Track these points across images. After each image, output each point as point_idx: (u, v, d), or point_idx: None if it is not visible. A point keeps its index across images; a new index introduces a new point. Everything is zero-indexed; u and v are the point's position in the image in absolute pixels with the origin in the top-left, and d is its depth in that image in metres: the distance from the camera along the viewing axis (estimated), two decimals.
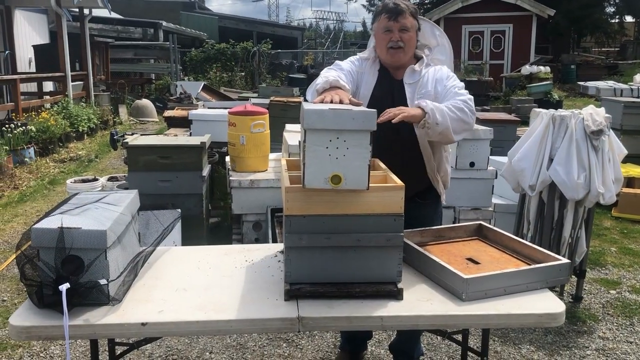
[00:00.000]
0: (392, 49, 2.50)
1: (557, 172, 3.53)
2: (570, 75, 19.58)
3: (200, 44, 21.46)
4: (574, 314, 3.75)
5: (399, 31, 2.47)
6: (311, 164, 1.83)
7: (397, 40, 2.48)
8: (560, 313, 1.91)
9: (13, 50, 12.58)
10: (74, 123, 10.50)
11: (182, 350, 3.31)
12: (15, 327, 1.80)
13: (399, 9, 2.46)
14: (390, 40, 2.49)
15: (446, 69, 2.60)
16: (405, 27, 2.48)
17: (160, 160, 4.28)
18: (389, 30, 2.49)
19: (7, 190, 7.01)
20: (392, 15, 2.46)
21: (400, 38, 2.48)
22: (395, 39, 2.48)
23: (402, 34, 2.48)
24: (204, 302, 1.95)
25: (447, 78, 2.53)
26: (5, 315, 3.69)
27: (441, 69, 2.58)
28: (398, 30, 2.47)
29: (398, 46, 2.49)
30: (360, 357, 3.15)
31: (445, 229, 2.49)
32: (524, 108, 12.24)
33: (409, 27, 2.49)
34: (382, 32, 2.51)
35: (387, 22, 2.48)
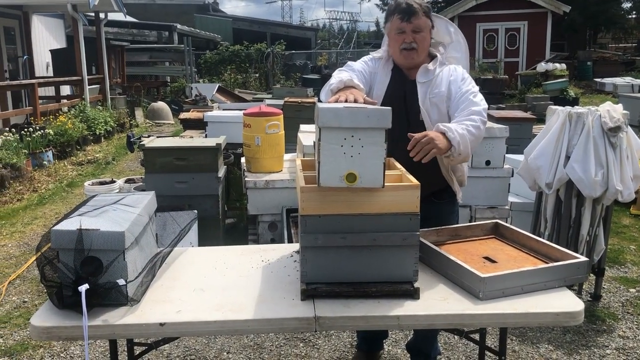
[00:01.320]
0: (406, 50, 2.46)
1: (574, 169, 3.50)
2: (587, 72, 19.37)
3: (214, 46, 21.59)
4: (593, 313, 3.72)
5: (412, 32, 2.44)
6: (326, 162, 1.84)
7: (410, 42, 2.44)
8: (579, 312, 1.89)
9: (31, 55, 12.76)
10: (91, 126, 10.62)
11: (200, 350, 3.34)
12: (36, 328, 1.83)
13: (411, 10, 2.42)
14: (403, 42, 2.46)
15: (461, 69, 2.55)
16: (419, 28, 2.44)
17: (176, 162, 4.31)
18: (402, 32, 2.45)
19: (26, 193, 7.10)
20: (405, 16, 2.42)
21: (413, 39, 2.44)
22: (408, 40, 2.44)
23: (415, 35, 2.44)
24: (221, 302, 1.96)
25: (462, 80, 2.48)
26: (26, 316, 3.75)
27: (456, 69, 2.54)
28: (411, 32, 2.44)
29: (411, 47, 2.45)
30: (377, 357, 3.14)
31: (462, 228, 2.48)
32: (539, 106, 12.13)
33: (422, 28, 2.45)
34: (395, 33, 2.48)
35: (400, 23, 2.44)
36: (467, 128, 2.25)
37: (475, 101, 2.39)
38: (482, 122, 2.33)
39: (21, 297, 4.11)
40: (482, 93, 2.54)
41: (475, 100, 2.39)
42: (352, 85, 2.31)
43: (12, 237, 5.48)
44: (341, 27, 50.94)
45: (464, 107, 2.38)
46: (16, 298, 4.09)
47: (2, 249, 5.16)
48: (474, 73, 15.45)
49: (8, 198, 6.82)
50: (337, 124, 1.82)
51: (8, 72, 12.03)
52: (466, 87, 2.45)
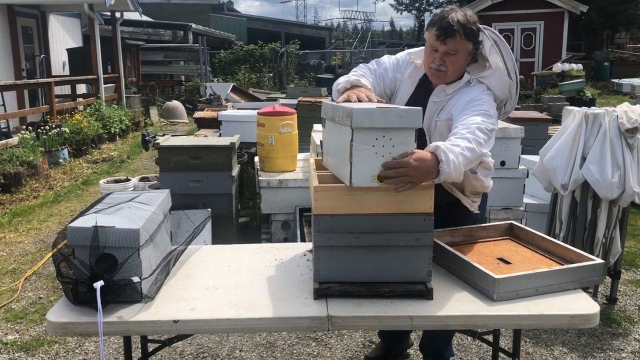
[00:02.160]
0: (434, 70, 2.31)
1: (590, 171, 3.47)
2: (604, 72, 19.19)
3: (229, 46, 21.69)
4: (609, 316, 3.68)
5: (444, 54, 2.25)
6: (358, 162, 1.84)
7: (439, 65, 2.28)
8: (594, 314, 1.88)
9: (48, 53, 12.90)
10: (106, 125, 10.72)
11: (213, 348, 3.35)
12: (52, 323, 1.85)
13: (449, 31, 2.21)
14: (432, 62, 2.30)
15: (481, 90, 2.30)
16: (453, 50, 2.25)
17: (190, 160, 4.34)
18: (435, 50, 2.28)
19: (42, 191, 7.18)
20: (441, 35, 2.23)
21: (442, 62, 2.27)
22: (437, 62, 2.28)
23: (446, 57, 2.26)
24: (234, 300, 1.97)
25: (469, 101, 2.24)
26: (42, 312, 3.79)
27: (476, 88, 2.31)
28: (443, 53, 2.25)
29: (439, 69, 2.29)
30: (400, 348, 3.11)
31: (476, 229, 2.46)
32: (555, 106, 12.04)
33: (457, 50, 2.25)
34: (429, 48, 2.31)
35: (435, 40, 2.25)
36: (462, 151, 1.96)
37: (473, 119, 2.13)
38: (475, 140, 2.04)
39: (37, 293, 4.16)
40: None
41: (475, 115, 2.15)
42: (359, 85, 2.28)
43: (28, 234, 5.55)
44: (355, 27, 50.93)
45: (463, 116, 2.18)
46: (32, 294, 4.14)
47: (19, 245, 5.23)
48: None
49: (24, 195, 6.90)
50: (370, 124, 1.82)
51: (25, 71, 12.17)
52: (477, 103, 2.22)
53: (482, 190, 2.45)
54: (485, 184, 2.43)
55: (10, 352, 3.34)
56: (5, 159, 7.12)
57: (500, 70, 2.32)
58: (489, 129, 2.14)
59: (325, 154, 2.26)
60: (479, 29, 2.30)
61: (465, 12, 2.31)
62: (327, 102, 2.23)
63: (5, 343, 3.43)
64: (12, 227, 5.77)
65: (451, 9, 2.29)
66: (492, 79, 2.32)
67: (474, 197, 2.45)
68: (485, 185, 2.44)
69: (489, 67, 2.33)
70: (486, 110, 2.21)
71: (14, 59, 11.63)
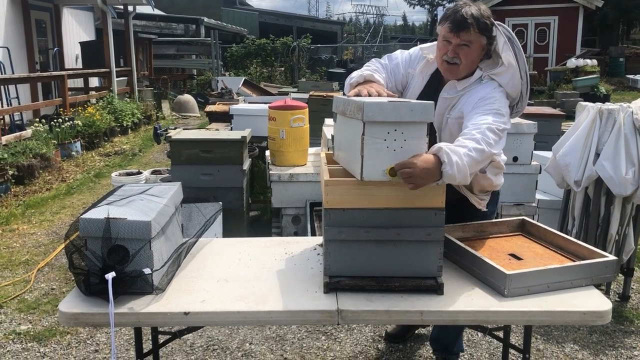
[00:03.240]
0: (447, 63, 2.29)
1: (603, 167, 3.43)
2: (619, 68, 18.96)
3: (240, 40, 21.69)
4: (621, 313, 3.65)
5: (458, 46, 2.24)
6: (370, 156, 1.84)
7: (453, 57, 2.26)
8: (606, 311, 1.86)
9: (61, 47, 12.97)
10: (118, 118, 10.77)
11: (223, 340, 3.37)
12: (65, 314, 1.86)
13: (463, 24, 2.20)
14: (445, 54, 2.28)
15: (492, 87, 2.27)
16: (466, 43, 2.23)
17: (202, 154, 4.35)
18: (448, 42, 2.26)
19: (55, 183, 7.24)
20: (454, 27, 2.22)
21: (456, 55, 2.25)
22: (450, 55, 2.26)
23: (460, 49, 2.24)
24: (244, 293, 1.97)
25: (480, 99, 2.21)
26: (54, 303, 3.82)
27: (487, 85, 2.28)
28: (456, 45, 2.24)
29: (453, 62, 2.27)
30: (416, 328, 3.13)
31: (488, 224, 2.45)
32: (569, 102, 11.94)
33: (470, 42, 2.24)
34: (442, 40, 2.29)
35: (448, 32, 2.24)
36: (467, 152, 1.94)
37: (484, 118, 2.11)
38: (484, 140, 2.01)
39: (49, 284, 4.20)
40: None
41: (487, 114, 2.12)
42: (372, 80, 2.28)
43: (41, 226, 5.60)
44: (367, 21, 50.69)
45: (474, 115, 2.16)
46: (45, 285, 4.18)
47: (32, 237, 5.28)
48: None
49: (37, 187, 6.96)
50: (382, 118, 1.82)
51: (39, 64, 12.26)
52: (489, 102, 2.19)
53: (490, 189, 2.42)
54: (495, 183, 2.40)
55: (24, 342, 3.37)
56: (19, 151, 7.18)
57: (513, 67, 2.27)
58: (500, 128, 2.10)
59: (337, 148, 2.26)
60: (492, 24, 2.28)
61: (479, 6, 2.29)
62: (338, 97, 2.22)
63: (19, 333, 3.47)
64: (25, 218, 5.83)
65: (465, 3, 2.27)
66: (504, 76, 2.28)
67: (483, 196, 2.42)
68: (495, 184, 2.40)
69: (502, 64, 2.28)
70: (497, 109, 2.17)
71: (28, 52, 11.71)
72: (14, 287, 4.14)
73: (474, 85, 2.30)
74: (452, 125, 2.30)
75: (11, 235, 5.31)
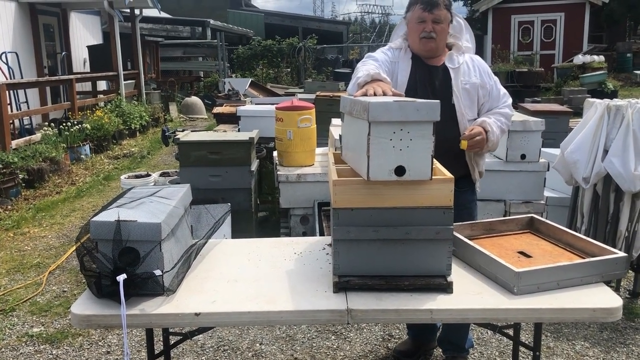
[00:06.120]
0: (425, 39, 2.56)
1: (612, 163, 3.42)
2: (626, 64, 18.83)
3: (247, 41, 21.73)
4: (632, 310, 3.63)
5: (432, 22, 2.53)
6: (376, 156, 1.84)
7: (430, 31, 2.54)
8: (617, 308, 1.86)
9: (69, 51, 13.06)
10: (126, 121, 10.83)
11: (233, 341, 3.38)
12: (77, 316, 1.88)
13: (434, 1, 2.52)
14: (423, 31, 2.55)
15: (479, 59, 2.74)
16: (439, 19, 2.54)
17: (210, 155, 4.37)
18: (423, 21, 2.55)
19: (65, 186, 7.29)
20: (427, 6, 2.52)
21: (432, 29, 2.54)
22: (428, 29, 2.54)
23: (434, 25, 2.54)
24: (254, 293, 1.98)
25: (489, 75, 2.69)
26: (65, 305, 3.86)
27: (478, 59, 2.72)
28: (431, 22, 2.53)
29: (430, 37, 2.55)
30: (426, 347, 3.10)
31: (496, 222, 2.45)
32: (576, 99, 11.87)
33: (442, 19, 2.54)
34: (416, 22, 2.57)
35: (422, 12, 2.53)
36: (501, 126, 2.60)
37: (504, 99, 2.69)
38: (510, 117, 2.69)
39: (61, 286, 4.23)
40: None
41: (504, 97, 2.69)
42: (379, 79, 2.32)
43: (51, 229, 5.64)
44: (373, 21, 50.64)
45: (499, 105, 2.67)
46: (56, 287, 4.21)
47: (42, 240, 5.32)
48: (508, 66, 15.21)
49: (47, 191, 7.01)
50: (387, 117, 1.82)
51: (47, 68, 12.34)
52: (496, 84, 2.69)
53: (483, 167, 2.78)
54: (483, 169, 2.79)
55: (36, 344, 3.40)
56: (29, 155, 7.24)
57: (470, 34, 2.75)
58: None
59: (344, 147, 2.26)
60: (451, 3, 2.65)
61: None
62: (345, 97, 2.24)
63: (31, 335, 3.50)
64: (35, 222, 5.87)
65: None
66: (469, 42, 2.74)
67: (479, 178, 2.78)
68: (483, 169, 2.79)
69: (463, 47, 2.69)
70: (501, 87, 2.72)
71: (36, 56, 11.79)
72: (26, 290, 4.17)
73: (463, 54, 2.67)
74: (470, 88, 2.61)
75: (22, 239, 5.35)
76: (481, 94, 2.63)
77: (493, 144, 2.57)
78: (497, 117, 2.61)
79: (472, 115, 2.62)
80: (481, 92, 2.63)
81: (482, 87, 2.62)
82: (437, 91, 2.56)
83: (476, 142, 2.49)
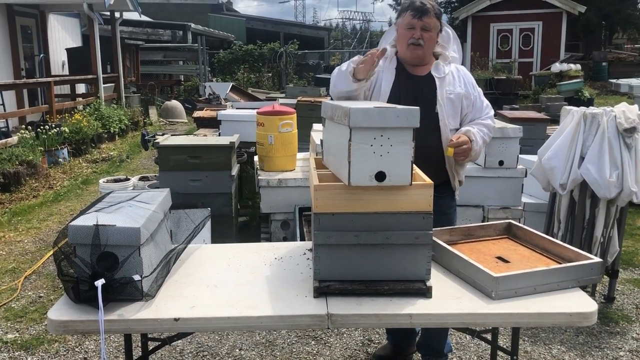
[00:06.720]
0: (413, 45, 2.58)
1: (588, 170, 3.48)
2: (602, 72, 19.21)
3: (228, 46, 21.69)
4: (607, 315, 3.69)
5: (421, 30, 2.56)
6: (357, 161, 1.86)
7: (418, 38, 2.56)
8: (592, 312, 1.89)
9: (47, 53, 12.89)
10: (105, 124, 10.72)
11: (213, 346, 3.36)
12: (54, 322, 1.85)
13: (424, 9, 2.55)
14: (411, 37, 2.57)
15: (465, 69, 2.77)
16: (428, 27, 2.57)
17: (190, 160, 4.34)
18: (412, 28, 2.57)
19: (42, 190, 7.19)
20: (417, 13, 2.55)
21: (421, 36, 2.56)
22: (416, 36, 2.56)
23: (423, 32, 2.57)
24: (234, 299, 1.98)
25: (474, 86, 2.72)
26: (41, 311, 3.80)
27: (463, 69, 2.75)
28: (420, 29, 2.56)
29: (418, 44, 2.57)
30: (405, 353, 3.11)
31: (475, 228, 2.48)
32: (553, 106, 12.05)
33: (431, 27, 2.57)
34: (405, 28, 2.60)
35: (411, 19, 2.57)
36: (484, 137, 2.65)
37: (487, 110, 2.74)
38: (492, 127, 2.74)
39: (37, 292, 4.16)
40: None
41: (487, 108, 2.74)
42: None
43: (27, 233, 5.55)
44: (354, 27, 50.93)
45: (482, 116, 2.72)
46: (32, 293, 4.15)
47: (18, 244, 5.23)
48: (487, 73, 15.39)
49: (24, 195, 6.91)
50: (368, 124, 1.84)
51: (25, 71, 12.16)
52: (481, 96, 2.74)
53: (463, 176, 2.82)
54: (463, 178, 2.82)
55: (11, 351, 3.34)
56: (5, 158, 7.12)
57: (458, 44, 2.77)
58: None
59: (326, 152, 2.27)
60: (441, 12, 2.69)
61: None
62: (326, 102, 2.25)
63: (6, 342, 3.44)
64: (11, 226, 5.78)
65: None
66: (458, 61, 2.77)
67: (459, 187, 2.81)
68: (463, 178, 2.82)
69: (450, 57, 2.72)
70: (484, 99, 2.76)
71: (13, 58, 11.62)
72: (1, 296, 4.10)
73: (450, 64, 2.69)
74: (455, 98, 2.64)
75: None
76: (465, 104, 2.67)
77: (476, 154, 2.62)
78: (480, 128, 2.65)
79: (454, 124, 2.66)
80: (465, 102, 2.66)
81: (466, 97, 2.66)
82: (420, 100, 2.54)
83: (462, 151, 2.53)
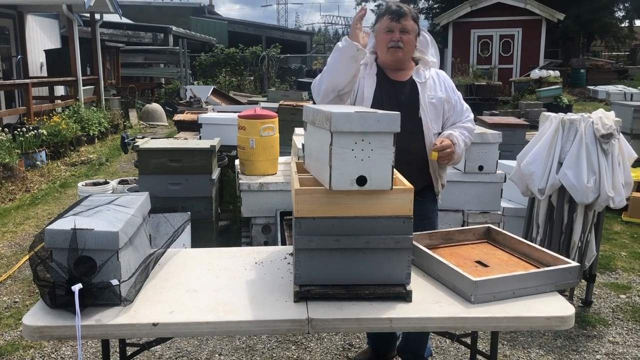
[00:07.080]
0: (393, 47, 2.61)
1: (566, 175, 3.53)
2: (580, 79, 19.49)
3: (209, 49, 21.59)
4: (584, 318, 3.74)
5: (400, 32, 2.60)
6: (338, 166, 1.86)
7: (397, 40, 2.60)
8: (569, 316, 1.91)
9: (25, 54, 12.71)
10: (85, 127, 10.59)
11: (192, 352, 3.33)
12: (28, 327, 1.82)
13: (401, 12, 2.60)
14: (391, 40, 2.61)
15: (445, 74, 2.81)
16: (406, 29, 2.61)
17: (170, 163, 4.31)
18: (391, 31, 2.61)
19: (18, 193, 7.07)
20: (395, 16, 2.59)
21: (400, 38, 2.60)
22: (395, 38, 2.60)
23: (402, 35, 2.60)
24: (214, 303, 1.96)
25: (454, 90, 2.76)
26: (17, 316, 3.73)
27: (443, 73, 2.80)
28: (399, 31, 2.60)
29: (398, 46, 2.60)
30: (387, 355, 3.11)
31: (454, 232, 2.49)
32: (533, 112, 12.19)
33: (409, 30, 2.61)
34: (384, 32, 2.63)
35: (390, 22, 2.61)
36: (465, 140, 2.68)
37: (467, 113, 2.78)
38: (472, 130, 2.79)
39: (12, 297, 4.09)
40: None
41: (466, 111, 2.79)
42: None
43: (3, 237, 5.46)
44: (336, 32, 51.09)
45: (462, 119, 2.76)
46: (7, 298, 4.07)
47: None
48: (467, 79, 15.54)
49: (0, 198, 6.79)
50: (349, 128, 1.84)
51: (1, 72, 11.99)
52: (461, 100, 2.79)
53: (445, 180, 2.86)
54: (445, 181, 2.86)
55: None
56: None
57: (436, 48, 2.81)
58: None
59: (307, 156, 2.27)
60: (418, 17, 2.72)
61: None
62: (308, 106, 2.25)
63: None
64: None
65: (393, 2, 2.68)
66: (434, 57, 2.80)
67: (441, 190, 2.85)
68: (445, 181, 2.86)
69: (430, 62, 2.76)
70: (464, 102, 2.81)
71: None
72: None
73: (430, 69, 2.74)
74: (437, 102, 2.68)
75: None
76: (446, 108, 2.70)
77: (458, 157, 2.66)
78: (462, 131, 2.69)
79: (437, 128, 2.69)
80: (447, 106, 2.70)
81: (447, 101, 2.70)
82: (404, 105, 2.59)
83: (446, 154, 2.56)
